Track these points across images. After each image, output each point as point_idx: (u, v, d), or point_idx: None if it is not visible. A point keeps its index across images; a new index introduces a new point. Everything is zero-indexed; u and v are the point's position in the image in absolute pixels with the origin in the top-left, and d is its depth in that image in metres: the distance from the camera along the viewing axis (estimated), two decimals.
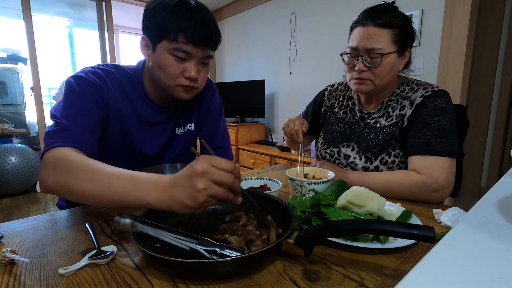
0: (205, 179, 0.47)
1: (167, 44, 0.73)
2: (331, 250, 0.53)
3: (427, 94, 0.87)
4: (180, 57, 0.74)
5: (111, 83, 0.80)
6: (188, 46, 0.73)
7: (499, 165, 2.60)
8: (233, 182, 0.49)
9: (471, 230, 0.34)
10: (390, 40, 0.86)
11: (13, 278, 0.45)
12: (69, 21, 3.88)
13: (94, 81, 0.76)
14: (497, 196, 0.44)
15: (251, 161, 3.10)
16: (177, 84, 0.78)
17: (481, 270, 0.26)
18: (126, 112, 0.82)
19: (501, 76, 2.54)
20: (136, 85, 0.85)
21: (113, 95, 0.80)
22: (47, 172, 0.61)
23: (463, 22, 1.88)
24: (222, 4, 3.77)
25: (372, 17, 0.87)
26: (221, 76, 4.14)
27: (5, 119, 3.35)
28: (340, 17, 2.57)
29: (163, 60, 0.74)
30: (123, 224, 0.50)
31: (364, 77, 0.89)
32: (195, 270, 0.43)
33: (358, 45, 0.88)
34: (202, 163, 0.48)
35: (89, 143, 0.70)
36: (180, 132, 0.96)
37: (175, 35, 0.71)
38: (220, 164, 0.48)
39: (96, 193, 0.55)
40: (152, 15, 0.73)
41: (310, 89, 2.89)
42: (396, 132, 0.91)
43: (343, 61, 0.95)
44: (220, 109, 1.06)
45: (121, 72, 0.84)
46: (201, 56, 0.76)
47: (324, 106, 1.15)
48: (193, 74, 0.76)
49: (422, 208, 0.76)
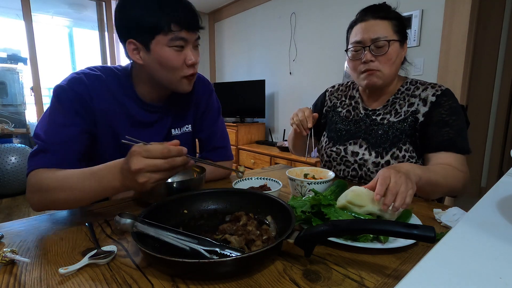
0: (141, 174, 0.54)
1: (163, 38, 0.73)
2: (331, 250, 0.53)
3: (438, 93, 0.91)
4: (179, 46, 0.75)
5: (95, 87, 0.79)
6: (183, 32, 0.74)
7: (499, 165, 2.60)
8: (171, 165, 0.55)
9: (471, 230, 0.34)
10: (392, 30, 0.90)
11: (13, 278, 0.45)
12: (69, 21, 3.88)
13: (75, 91, 0.75)
14: (497, 196, 0.44)
15: (251, 161, 3.10)
16: (182, 76, 0.79)
17: (481, 270, 0.26)
18: (115, 115, 0.82)
19: (501, 76, 2.54)
20: (125, 85, 0.84)
21: (97, 100, 0.79)
22: (31, 195, 0.69)
23: (463, 22, 1.88)
24: (222, 4, 3.77)
25: (371, 12, 0.92)
26: (221, 76, 4.14)
27: (5, 119, 3.35)
28: (340, 17, 2.57)
29: (163, 55, 0.74)
30: (124, 224, 0.50)
31: (373, 67, 0.90)
32: (196, 270, 0.43)
33: (362, 38, 0.90)
34: (135, 161, 0.54)
35: (63, 162, 0.72)
36: (177, 133, 0.95)
37: (168, 26, 0.72)
38: (153, 154, 0.54)
39: (75, 199, 0.65)
40: (136, 16, 0.73)
41: (310, 89, 2.89)
42: (406, 127, 0.93)
43: (348, 58, 0.96)
44: (218, 109, 1.05)
45: (109, 74, 0.83)
46: (194, 39, 0.78)
47: (326, 107, 1.16)
48: (194, 59, 0.77)
49: (422, 208, 0.76)
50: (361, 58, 0.92)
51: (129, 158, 0.55)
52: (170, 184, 0.76)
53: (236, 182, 0.84)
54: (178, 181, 0.76)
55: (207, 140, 1.02)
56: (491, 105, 2.59)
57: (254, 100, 3.28)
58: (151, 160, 0.54)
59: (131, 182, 0.57)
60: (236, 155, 3.26)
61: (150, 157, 0.54)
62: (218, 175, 1.01)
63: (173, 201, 0.64)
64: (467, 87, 2.02)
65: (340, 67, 2.58)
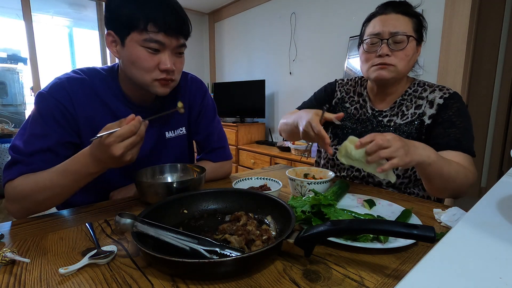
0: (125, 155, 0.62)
1: (137, 36, 0.69)
2: (331, 250, 0.53)
3: (446, 96, 0.90)
4: (153, 48, 0.70)
5: (77, 92, 0.76)
6: (160, 35, 0.69)
7: (499, 165, 2.60)
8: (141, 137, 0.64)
9: (471, 230, 0.34)
10: (411, 27, 0.88)
11: (13, 278, 0.45)
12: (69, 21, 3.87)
13: (54, 99, 0.73)
14: (497, 196, 0.44)
15: (251, 161, 3.10)
16: (153, 78, 0.74)
17: (481, 270, 0.26)
18: (101, 119, 0.78)
19: (501, 76, 2.54)
20: (112, 86, 0.81)
21: (80, 105, 0.76)
22: (10, 205, 0.70)
23: (463, 22, 1.88)
24: (222, 4, 3.77)
25: (392, 6, 0.89)
26: (221, 76, 4.14)
27: (5, 119, 3.35)
28: (340, 17, 2.57)
29: (135, 54, 0.71)
30: (123, 224, 0.50)
31: (388, 62, 0.87)
32: (195, 270, 0.43)
33: (381, 30, 0.87)
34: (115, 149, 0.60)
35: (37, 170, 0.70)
36: (171, 136, 0.93)
37: (144, 25, 0.68)
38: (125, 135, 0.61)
39: (56, 196, 0.69)
40: (116, 7, 0.70)
41: (310, 89, 2.87)
42: (413, 130, 0.92)
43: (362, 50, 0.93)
44: (214, 109, 1.03)
45: (94, 76, 0.80)
46: (175, 46, 0.73)
47: (335, 98, 1.12)
48: (169, 65, 0.72)
49: (422, 208, 0.76)
50: (376, 51, 0.88)
51: (106, 149, 0.61)
52: (170, 184, 0.76)
53: (236, 182, 0.84)
54: (178, 181, 0.76)
55: (204, 142, 1.01)
56: (491, 105, 2.59)
57: (254, 100, 3.28)
58: (127, 141, 0.61)
59: (117, 164, 0.64)
60: (236, 155, 3.26)
61: (125, 139, 0.61)
62: (218, 175, 1.01)
63: (173, 201, 0.64)
64: (467, 87, 2.02)
65: (340, 67, 2.58)
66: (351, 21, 2.48)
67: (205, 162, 1.00)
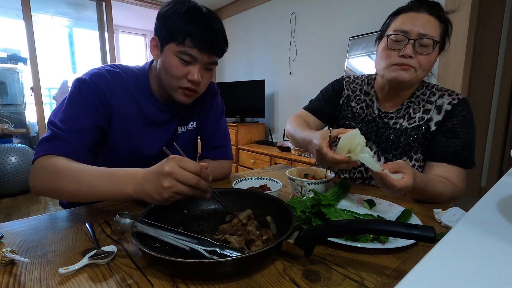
0: (170, 178, 0.54)
1: (174, 47, 0.76)
2: (331, 250, 0.53)
3: (455, 102, 0.87)
4: (185, 60, 0.77)
5: (115, 84, 0.82)
6: (194, 50, 0.76)
7: (499, 165, 2.60)
8: (198, 183, 0.55)
9: (471, 230, 0.34)
10: (439, 33, 0.84)
11: (13, 278, 0.45)
12: (69, 21, 3.88)
13: (96, 85, 0.78)
14: (497, 196, 0.44)
15: (251, 161, 3.10)
16: (179, 86, 0.80)
17: (481, 270, 0.26)
18: (130, 113, 0.85)
19: (501, 76, 2.54)
20: (142, 84, 0.87)
21: (116, 97, 0.82)
22: (35, 178, 0.69)
23: (463, 22, 1.88)
24: (222, 4, 3.77)
25: (426, 6, 0.84)
26: (221, 76, 4.14)
27: (5, 119, 3.35)
28: (340, 17, 2.57)
29: (169, 61, 0.78)
30: (123, 224, 0.50)
31: (410, 64, 0.82)
32: (195, 270, 0.43)
33: (410, 29, 0.81)
34: (170, 164, 0.55)
35: (75, 151, 0.72)
36: (183, 131, 0.98)
37: (183, 38, 0.75)
38: (187, 165, 0.55)
39: (80, 192, 0.64)
40: (164, 18, 0.77)
41: (310, 89, 2.89)
42: (420, 136, 0.89)
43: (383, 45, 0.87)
44: (222, 110, 1.08)
45: (128, 72, 0.87)
46: (206, 62, 0.79)
47: (343, 97, 1.08)
48: (196, 77, 0.78)
49: (422, 208, 0.76)
50: (398, 50, 0.83)
51: (165, 162, 0.56)
52: None
53: (236, 182, 0.84)
54: None
55: (208, 138, 1.04)
56: (491, 105, 2.59)
57: (254, 100, 3.28)
58: (183, 170, 0.54)
59: (153, 185, 0.56)
60: (236, 155, 3.26)
61: (183, 167, 0.55)
62: (217, 174, 1.01)
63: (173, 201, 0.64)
64: (467, 87, 2.02)
65: (340, 67, 2.58)
66: (351, 21, 2.48)
67: (205, 161, 1.02)
